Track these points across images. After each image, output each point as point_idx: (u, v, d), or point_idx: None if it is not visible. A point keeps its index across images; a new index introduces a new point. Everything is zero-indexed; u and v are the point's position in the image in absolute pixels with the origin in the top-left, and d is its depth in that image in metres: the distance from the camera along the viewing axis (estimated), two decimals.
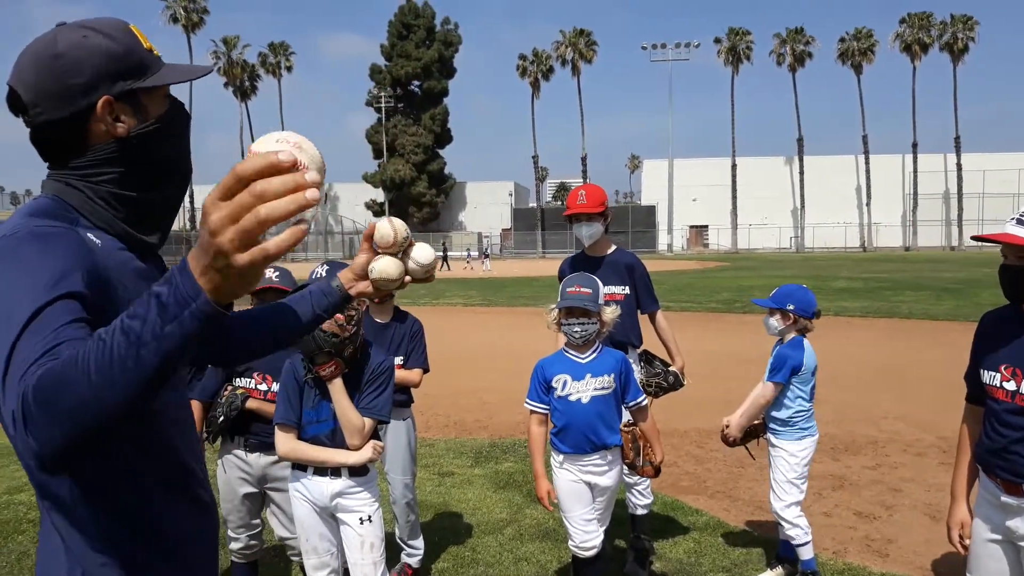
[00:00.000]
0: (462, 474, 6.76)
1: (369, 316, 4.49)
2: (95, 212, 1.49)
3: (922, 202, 69.33)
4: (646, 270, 5.02)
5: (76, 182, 1.48)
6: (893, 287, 26.34)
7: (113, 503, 1.45)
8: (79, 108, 1.43)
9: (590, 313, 3.77)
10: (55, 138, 1.46)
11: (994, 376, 2.83)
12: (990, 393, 2.87)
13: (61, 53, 1.42)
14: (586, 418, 3.80)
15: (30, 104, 1.43)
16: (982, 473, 2.99)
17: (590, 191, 4.94)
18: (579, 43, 74.55)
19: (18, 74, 1.44)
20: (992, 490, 2.90)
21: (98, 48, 1.44)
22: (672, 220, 73.66)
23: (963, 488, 3.12)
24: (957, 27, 69.99)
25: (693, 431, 8.02)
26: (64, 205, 1.47)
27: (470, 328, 17.63)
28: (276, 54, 77.74)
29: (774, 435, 4.47)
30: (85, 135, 1.46)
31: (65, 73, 1.41)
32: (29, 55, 1.44)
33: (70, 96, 1.42)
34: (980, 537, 2.96)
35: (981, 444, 2.94)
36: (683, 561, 4.89)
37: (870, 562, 4.87)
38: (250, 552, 4.08)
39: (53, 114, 1.43)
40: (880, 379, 5.10)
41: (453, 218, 79.50)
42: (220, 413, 3.83)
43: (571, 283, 3.88)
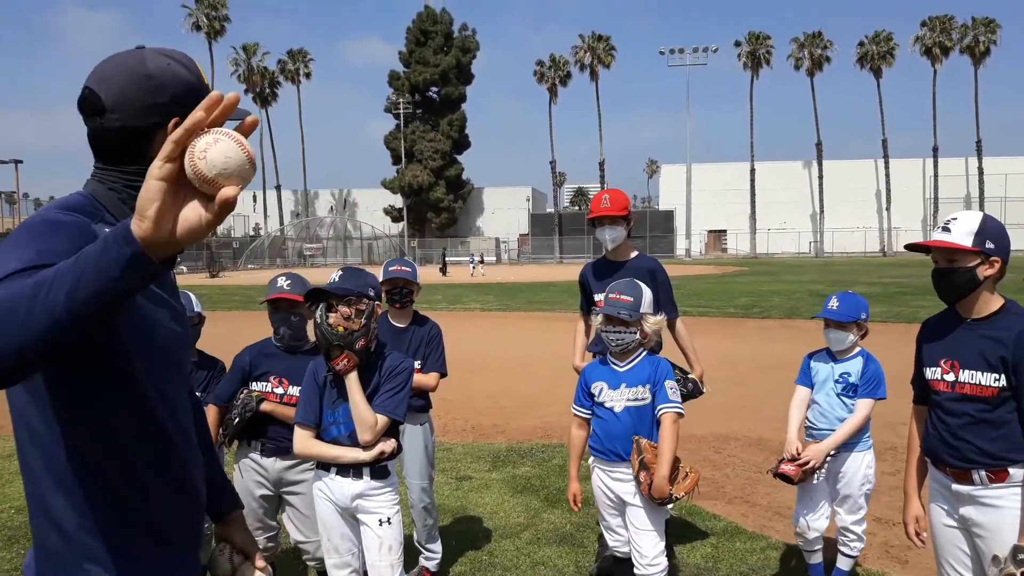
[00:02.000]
0: (479, 478, 6.78)
1: (388, 320, 4.54)
2: (124, 214, 1.61)
3: (943, 206, 68.63)
4: (667, 276, 5.01)
5: (116, 184, 1.65)
6: (913, 292, 26.11)
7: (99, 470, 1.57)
8: (153, 122, 1.61)
9: (628, 322, 3.76)
10: (118, 143, 1.63)
11: (935, 371, 3.08)
12: (933, 387, 3.10)
13: (153, 74, 1.60)
14: (618, 428, 3.79)
15: (110, 108, 1.59)
16: (932, 467, 3.19)
17: (614, 195, 4.94)
18: (598, 48, 74.54)
19: (102, 81, 1.61)
20: (943, 481, 3.10)
21: (179, 76, 1.64)
22: (690, 225, 73.47)
23: (914, 485, 3.32)
24: (979, 30, 69.40)
25: (710, 436, 8.00)
26: (94, 203, 1.62)
27: (487, 333, 17.66)
28: (295, 61, 78.27)
29: (846, 449, 4.31)
30: (147, 147, 1.61)
31: (153, 92, 1.60)
32: (119, 68, 1.61)
33: (151, 111, 1.60)
34: (939, 524, 3.14)
35: (928, 438, 3.15)
36: (700, 567, 4.88)
37: (889, 568, 4.84)
38: (267, 554, 4.11)
39: (130, 122, 1.60)
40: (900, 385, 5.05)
41: (471, 223, 79.68)
42: (235, 415, 3.88)
43: (615, 289, 3.88)
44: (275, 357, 3.99)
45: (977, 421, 2.94)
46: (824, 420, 4.34)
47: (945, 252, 2.94)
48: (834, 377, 4.34)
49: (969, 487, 2.97)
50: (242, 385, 3.98)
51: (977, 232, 2.88)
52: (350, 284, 3.33)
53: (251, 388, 3.97)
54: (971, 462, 2.95)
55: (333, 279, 3.38)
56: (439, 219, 74.16)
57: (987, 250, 2.88)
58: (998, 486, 2.91)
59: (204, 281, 43.29)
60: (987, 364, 2.91)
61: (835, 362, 4.37)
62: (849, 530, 4.34)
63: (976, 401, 2.95)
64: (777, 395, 5.23)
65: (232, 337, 4.94)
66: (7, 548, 5.24)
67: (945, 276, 2.96)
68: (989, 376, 2.91)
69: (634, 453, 3.73)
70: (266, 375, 3.97)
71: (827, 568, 4.47)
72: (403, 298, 4.55)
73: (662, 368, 3.83)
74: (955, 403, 3.01)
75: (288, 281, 3.96)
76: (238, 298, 28.90)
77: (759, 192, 73.06)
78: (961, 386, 2.99)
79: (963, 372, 2.98)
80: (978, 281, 2.90)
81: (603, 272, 4.95)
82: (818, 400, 4.39)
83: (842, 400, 4.31)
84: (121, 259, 1.17)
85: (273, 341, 4.03)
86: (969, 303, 2.98)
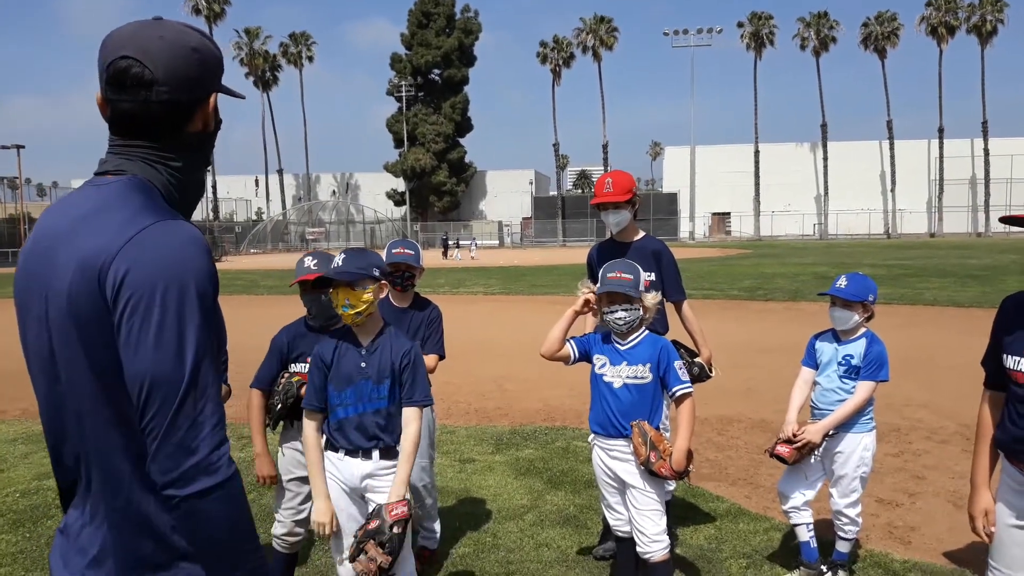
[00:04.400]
0: (483, 460, 6.80)
1: (388, 301, 4.54)
2: (170, 196, 1.63)
3: (948, 188, 68.46)
4: (674, 258, 4.98)
5: (156, 163, 1.61)
6: (917, 274, 26.07)
7: None
8: (200, 96, 1.61)
9: (632, 299, 3.75)
10: (163, 117, 1.58)
11: (1019, 361, 2.78)
12: (1013, 378, 2.81)
13: (198, 48, 1.60)
14: (616, 404, 3.81)
15: (160, 82, 1.54)
16: (1004, 460, 2.96)
17: (617, 179, 4.87)
18: (600, 30, 74.13)
19: (147, 52, 1.53)
20: (1016, 476, 2.87)
21: (214, 52, 1.65)
22: (694, 207, 73.29)
23: (984, 476, 3.05)
24: (986, 9, 68.79)
25: (714, 418, 8.01)
26: (156, 192, 1.60)
27: (491, 316, 17.67)
28: (297, 44, 77.99)
29: (844, 430, 4.28)
30: (189, 120, 1.62)
31: (201, 65, 1.60)
32: (161, 41, 1.55)
33: (200, 84, 1.61)
34: (1004, 523, 2.93)
35: (1004, 430, 2.90)
36: (704, 547, 4.90)
37: (892, 549, 4.85)
38: (294, 540, 4.09)
39: (180, 95, 1.57)
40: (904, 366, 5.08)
41: (474, 207, 79.56)
42: (278, 400, 3.91)
43: (612, 268, 3.86)
44: (310, 337, 3.99)
45: None
46: (825, 401, 4.33)
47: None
48: (837, 359, 4.33)
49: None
50: (282, 367, 4.00)
51: None
52: (353, 266, 3.36)
53: (291, 371, 3.98)
54: None
55: (337, 263, 3.40)
56: (442, 203, 74.05)
57: None
58: None
59: None
60: None
61: (839, 343, 4.36)
62: (843, 513, 4.33)
63: None
64: (780, 377, 5.23)
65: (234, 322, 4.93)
66: (12, 531, 5.27)
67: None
68: None
69: (636, 436, 3.73)
70: (303, 356, 3.97)
71: (826, 551, 4.47)
72: (404, 281, 4.55)
73: (665, 349, 3.83)
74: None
75: (315, 261, 3.96)
76: (240, 282, 28.95)
77: (763, 174, 72.82)
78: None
79: None
80: None
81: (609, 254, 4.92)
82: (821, 381, 4.38)
83: (843, 382, 4.30)
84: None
85: (307, 321, 4.06)
86: None
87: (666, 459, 3.68)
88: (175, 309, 1.41)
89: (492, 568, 4.65)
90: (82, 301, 1.44)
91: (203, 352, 1.44)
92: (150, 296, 1.40)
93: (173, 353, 1.40)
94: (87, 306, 1.44)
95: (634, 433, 3.74)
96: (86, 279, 1.43)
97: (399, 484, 3.28)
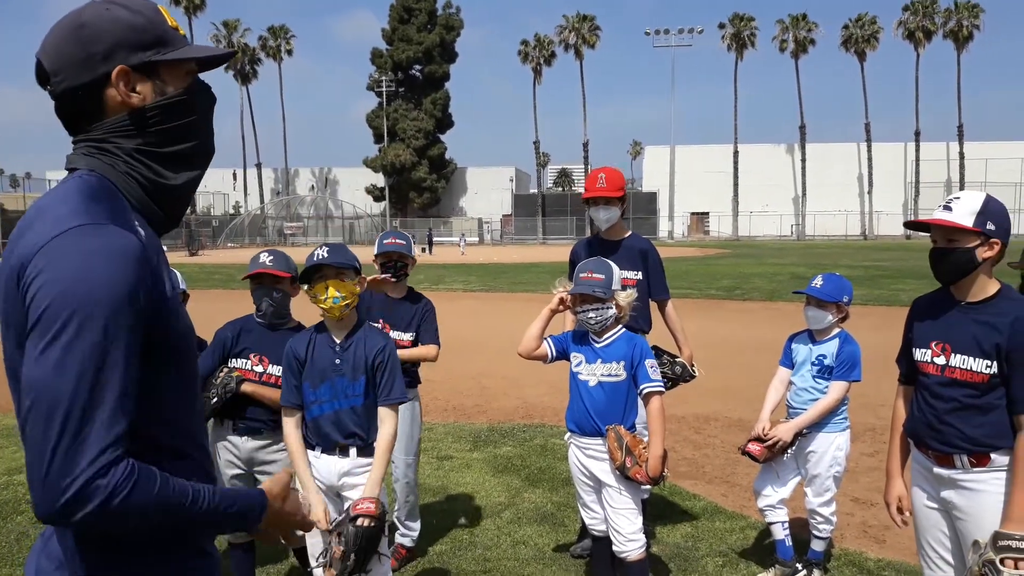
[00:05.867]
0: (461, 458, 6.78)
1: (384, 294, 4.56)
2: (132, 192, 1.54)
3: (924, 191, 69.01)
4: (660, 257, 4.99)
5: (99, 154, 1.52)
6: (893, 275, 26.33)
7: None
8: (97, 75, 1.48)
9: (604, 299, 3.75)
10: (75, 106, 1.51)
11: (925, 353, 3.02)
12: (922, 369, 3.05)
13: (85, 23, 1.48)
14: (590, 402, 3.82)
15: (52, 73, 1.49)
16: (914, 448, 3.16)
17: (610, 175, 4.84)
18: (582, 28, 74.15)
19: (44, 46, 1.50)
20: (924, 463, 3.08)
21: (119, 19, 1.50)
22: (673, 207, 73.53)
23: (897, 466, 3.30)
24: (962, 14, 69.50)
25: (691, 416, 8.04)
26: (110, 187, 1.51)
27: (470, 313, 17.64)
28: (276, 37, 77.35)
29: (817, 429, 4.33)
30: (102, 104, 1.51)
31: (87, 41, 1.47)
32: (56, 27, 1.51)
33: (90, 63, 1.47)
34: (920, 504, 3.13)
35: (913, 419, 3.12)
36: (680, 545, 4.91)
37: (867, 548, 4.89)
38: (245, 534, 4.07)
39: (73, 80, 1.48)
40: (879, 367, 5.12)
41: (453, 203, 79.37)
42: (214, 395, 3.82)
43: (584, 268, 3.86)
44: (256, 334, 3.95)
45: (964, 407, 2.88)
46: (799, 400, 4.40)
47: (945, 231, 2.86)
48: (811, 359, 4.38)
49: (951, 471, 2.94)
50: (222, 361, 3.94)
51: (979, 212, 2.80)
52: (342, 256, 3.37)
53: (231, 366, 3.92)
54: (954, 447, 2.91)
55: (322, 255, 3.35)
56: (421, 199, 73.76)
57: (987, 231, 2.80)
58: (979, 471, 2.87)
59: (183, 260, 42.93)
60: (980, 350, 2.83)
61: (814, 344, 4.41)
62: (817, 512, 4.37)
63: (965, 386, 2.88)
64: (757, 376, 5.26)
65: (212, 316, 4.88)
66: None
67: (943, 256, 2.88)
68: (981, 362, 2.83)
69: (612, 440, 3.73)
70: (246, 351, 3.92)
71: (801, 550, 4.50)
72: (397, 271, 4.54)
73: (639, 347, 3.84)
74: (944, 387, 2.95)
75: (271, 257, 3.92)
76: (218, 276, 28.70)
77: (742, 174, 73.23)
78: (951, 370, 2.92)
79: (954, 356, 2.91)
80: (976, 263, 2.82)
81: (596, 250, 4.91)
82: (795, 381, 4.44)
83: (816, 381, 4.34)
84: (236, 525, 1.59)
85: (255, 318, 3.99)
86: (965, 285, 2.90)
87: (642, 465, 3.67)
88: (69, 323, 1.30)
89: (469, 566, 4.64)
90: (10, 302, 1.40)
91: (98, 370, 1.31)
92: (46, 306, 1.31)
93: (55, 367, 1.29)
94: (12, 307, 1.39)
95: (609, 437, 3.74)
96: (14, 280, 1.38)
97: (371, 484, 3.26)
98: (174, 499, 1.39)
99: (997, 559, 2.65)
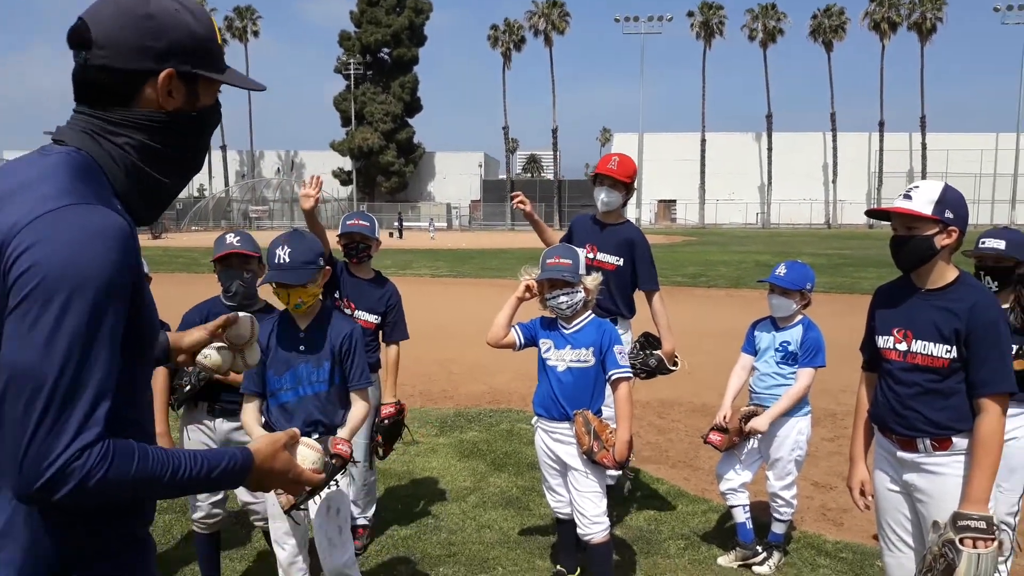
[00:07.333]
0: (427, 443, 6.79)
1: (349, 273, 4.53)
2: (117, 179, 1.52)
3: (887, 180, 70.03)
4: (648, 248, 5.03)
5: (98, 135, 1.51)
6: (856, 264, 26.73)
7: None
8: (143, 69, 1.48)
9: (573, 283, 3.78)
10: (101, 83, 1.49)
11: (888, 340, 3.10)
12: (885, 356, 3.12)
13: (152, 15, 1.47)
14: (559, 387, 3.85)
15: (97, 44, 1.45)
16: (878, 432, 3.24)
17: (623, 160, 4.92)
18: (552, 14, 73.87)
19: (98, 16, 1.47)
20: (888, 447, 3.15)
21: (184, 25, 1.51)
22: (641, 194, 73.76)
23: (860, 451, 3.35)
24: (926, 6, 70.38)
25: (655, 401, 8.12)
26: (97, 168, 1.49)
27: (437, 299, 17.61)
28: (243, 18, 76.17)
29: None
30: (135, 94, 1.50)
31: (148, 33, 1.47)
32: (118, 4, 1.48)
33: (144, 55, 1.47)
34: (882, 487, 3.20)
35: (877, 404, 3.18)
36: (643, 528, 4.97)
37: (825, 530, 4.99)
38: (212, 521, 4.03)
39: (118, 63, 1.46)
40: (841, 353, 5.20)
41: (422, 188, 78.96)
42: (187, 382, 3.79)
43: (551, 254, 3.89)
44: None
45: (926, 391, 2.97)
46: (763, 385, 4.48)
47: (905, 219, 2.94)
48: (775, 345, 4.44)
49: (914, 454, 3.01)
50: None
51: (938, 201, 2.88)
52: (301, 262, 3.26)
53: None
54: (917, 431, 2.99)
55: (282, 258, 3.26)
56: (389, 183, 73.25)
57: (946, 219, 2.88)
58: (941, 454, 2.95)
59: (147, 243, 42.24)
60: (940, 335, 2.91)
61: (777, 330, 4.47)
62: (779, 495, 4.45)
63: (927, 371, 2.96)
64: (721, 362, 5.32)
65: (176, 299, 4.82)
66: None
67: (903, 243, 2.96)
68: (941, 347, 2.91)
69: (579, 425, 3.77)
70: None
71: (762, 532, 4.58)
72: (359, 253, 4.53)
73: (608, 333, 3.86)
74: (906, 372, 3.03)
75: (238, 238, 3.87)
76: (182, 259, 28.31)
77: (709, 162, 73.64)
78: (913, 356, 3.00)
79: (916, 342, 2.99)
80: (935, 250, 2.90)
81: (588, 228, 5.03)
82: (759, 367, 4.50)
83: (780, 367, 4.41)
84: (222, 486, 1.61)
85: (223, 299, 3.92)
86: (924, 272, 2.98)
87: (609, 449, 3.72)
88: (60, 301, 1.30)
89: (434, 549, 4.66)
90: None
91: (85, 351, 1.31)
92: (36, 283, 1.29)
93: (43, 348, 1.29)
94: None
95: (577, 422, 3.78)
96: None
97: (347, 431, 3.31)
98: (154, 473, 1.40)
99: (957, 539, 2.72)
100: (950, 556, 2.71)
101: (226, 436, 3.94)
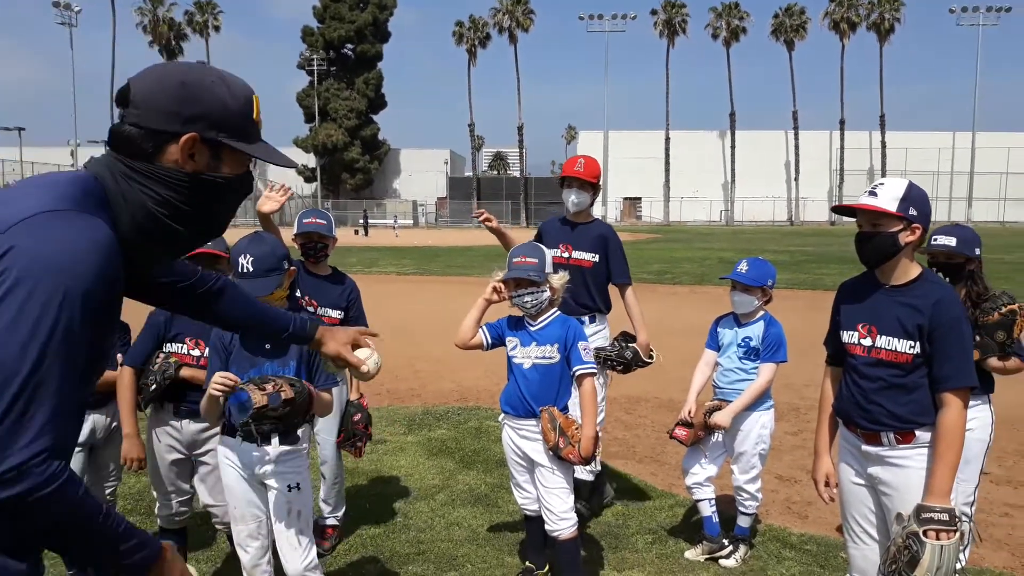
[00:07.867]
0: (395, 441, 6.77)
1: (305, 270, 4.49)
2: (121, 212, 1.57)
3: (848, 178, 71.13)
4: (620, 243, 5.17)
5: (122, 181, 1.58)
6: (818, 260, 27.13)
7: None
8: (169, 130, 1.57)
9: (538, 283, 3.79)
10: (131, 137, 1.57)
11: (852, 335, 3.15)
12: (849, 351, 3.17)
13: (187, 83, 1.58)
14: (525, 384, 3.86)
15: (134, 104, 1.56)
16: (842, 426, 3.28)
17: (589, 162, 5.08)
18: (516, 11, 73.85)
19: (142, 80, 1.59)
20: (852, 441, 3.20)
21: (218, 97, 1.60)
22: (606, 191, 74.13)
23: (825, 444, 3.39)
24: (884, 7, 71.57)
25: (622, 397, 8.17)
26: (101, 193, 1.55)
27: (404, 297, 17.55)
28: (203, 12, 75.08)
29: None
30: (159, 151, 1.58)
31: (181, 100, 1.57)
32: (162, 71, 1.61)
33: (172, 118, 1.56)
34: (846, 480, 3.25)
35: (842, 398, 3.23)
36: (611, 524, 5.01)
37: (790, 523, 5.06)
38: (179, 519, 4.02)
39: (148, 122, 1.56)
40: (803, 348, 5.30)
41: (387, 185, 78.56)
42: (153, 381, 3.74)
43: (517, 253, 3.90)
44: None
45: (890, 386, 3.02)
46: (726, 380, 4.54)
47: (870, 216, 2.98)
48: (737, 341, 4.51)
49: (878, 448, 3.06)
50: (157, 346, 3.84)
51: (903, 198, 2.93)
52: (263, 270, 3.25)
53: (167, 351, 3.82)
54: (881, 424, 3.04)
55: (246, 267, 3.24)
56: (354, 180, 72.73)
57: (910, 216, 2.93)
58: (905, 447, 3.01)
59: None
60: (904, 331, 2.97)
61: (739, 326, 4.53)
62: (743, 489, 4.51)
63: (891, 366, 3.01)
64: (686, 358, 5.37)
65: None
66: None
67: (868, 240, 3.01)
68: (905, 343, 2.97)
69: (545, 421, 3.78)
70: (181, 336, 3.83)
71: (728, 526, 4.64)
72: (317, 252, 4.51)
73: (573, 329, 3.89)
74: (870, 367, 3.07)
75: None
76: None
77: (673, 160, 74.20)
78: (877, 351, 3.05)
79: (880, 338, 3.04)
80: (899, 246, 2.95)
81: (559, 229, 5.14)
82: (722, 362, 4.57)
83: (743, 363, 4.47)
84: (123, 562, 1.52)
85: None
86: (889, 269, 3.03)
87: (574, 445, 3.74)
88: (40, 300, 1.32)
89: (402, 548, 4.64)
90: None
91: (56, 353, 1.33)
92: (17, 280, 1.33)
93: (19, 343, 1.31)
94: None
95: (543, 419, 3.79)
96: None
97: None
98: (92, 508, 1.43)
99: (920, 531, 2.77)
100: (914, 548, 2.76)
101: (192, 438, 3.90)
